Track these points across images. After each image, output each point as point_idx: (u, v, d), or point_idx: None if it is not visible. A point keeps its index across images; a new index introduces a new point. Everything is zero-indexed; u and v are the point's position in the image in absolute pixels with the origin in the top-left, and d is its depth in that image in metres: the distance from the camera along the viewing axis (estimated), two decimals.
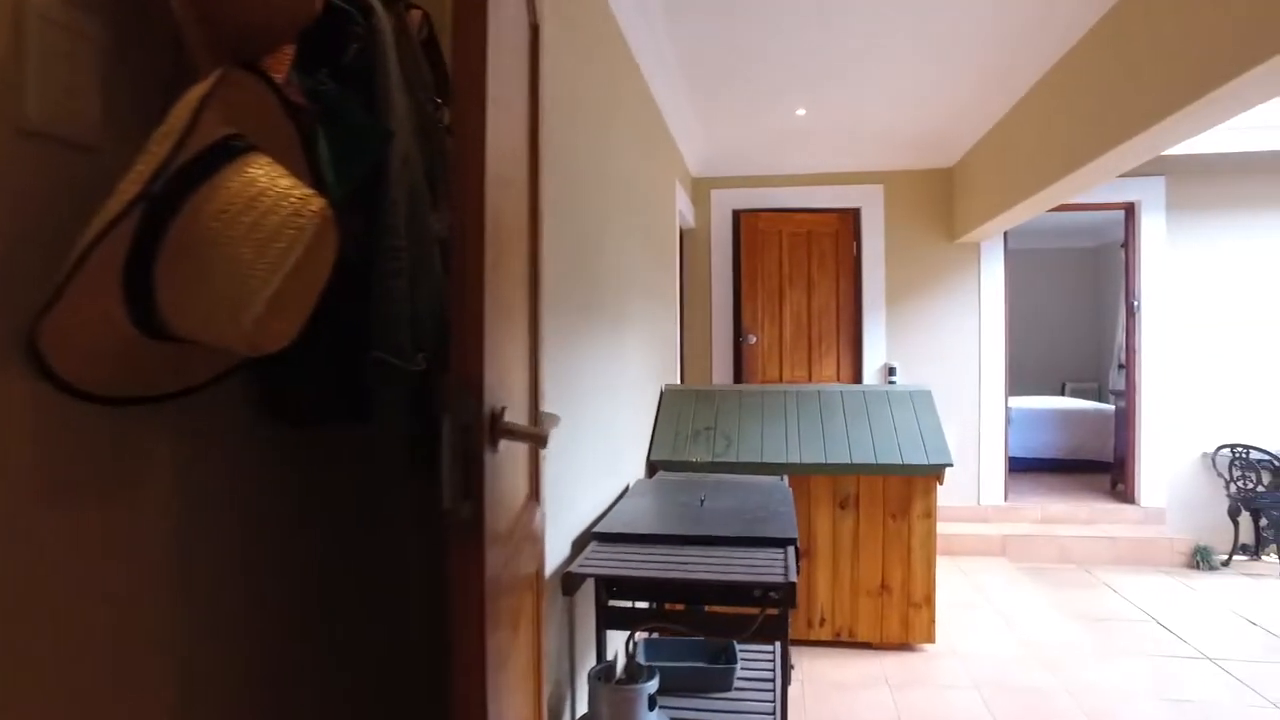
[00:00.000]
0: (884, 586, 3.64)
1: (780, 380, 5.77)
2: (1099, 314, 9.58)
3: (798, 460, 3.61)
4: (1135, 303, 5.59)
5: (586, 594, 2.31)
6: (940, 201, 5.76)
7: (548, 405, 1.64)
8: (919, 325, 5.76)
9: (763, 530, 2.38)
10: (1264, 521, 5.11)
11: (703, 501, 2.76)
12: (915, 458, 3.54)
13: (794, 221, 5.85)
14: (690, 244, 5.97)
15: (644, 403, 3.70)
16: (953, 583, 4.70)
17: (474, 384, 0.96)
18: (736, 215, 5.90)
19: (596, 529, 2.42)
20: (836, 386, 4.09)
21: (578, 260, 2.43)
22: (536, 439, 1.29)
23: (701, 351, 5.95)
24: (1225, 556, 5.23)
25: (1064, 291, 9.75)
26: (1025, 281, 9.03)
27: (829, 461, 3.59)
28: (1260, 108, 5.15)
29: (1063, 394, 8.90)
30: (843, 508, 3.66)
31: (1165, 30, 2.79)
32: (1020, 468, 6.69)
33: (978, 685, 3.33)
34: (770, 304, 5.82)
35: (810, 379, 5.76)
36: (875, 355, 5.75)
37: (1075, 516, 5.59)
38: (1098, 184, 3.93)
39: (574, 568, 2.09)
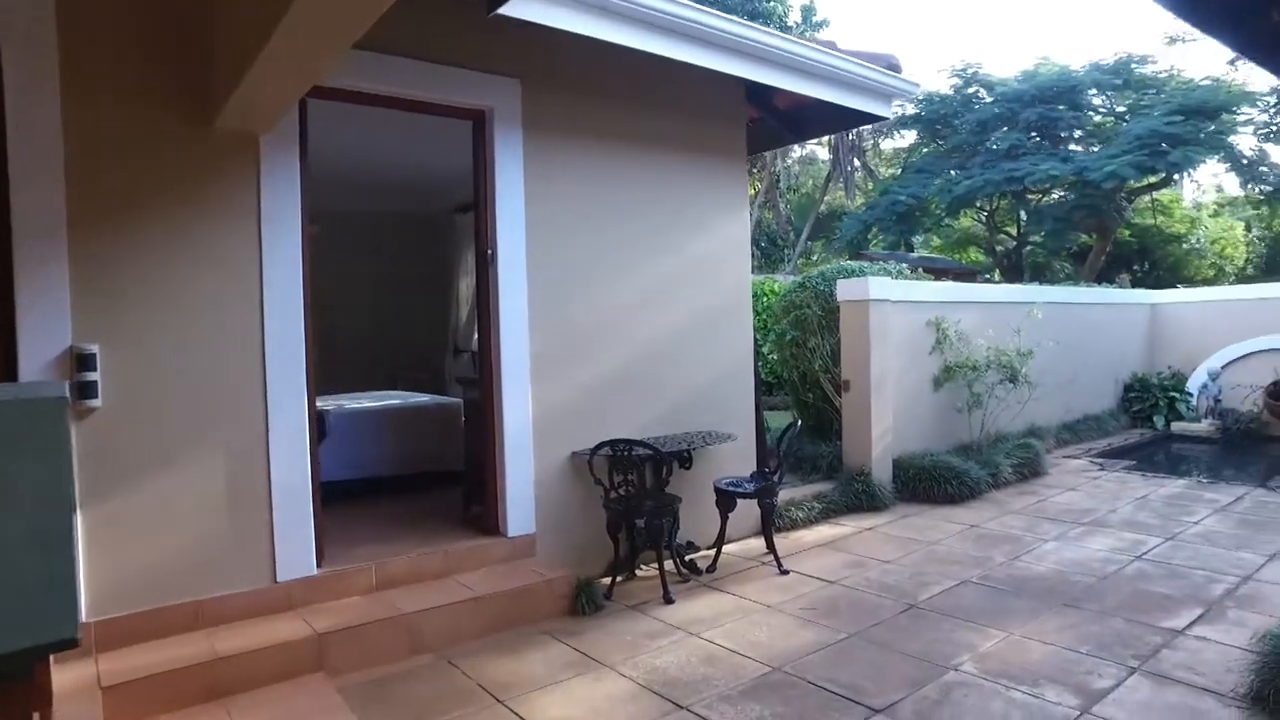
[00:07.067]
0: None
1: None
2: (431, 291, 8.21)
3: None
4: (491, 251, 3.94)
5: None
6: (180, 34, 3.15)
7: None
8: (146, 280, 3.07)
9: None
10: (639, 523, 4.02)
11: None
12: None
13: None
14: None
15: None
16: None
17: None
18: None
19: None
20: None
21: None
22: None
23: None
24: (607, 585, 4.00)
25: (387, 264, 8.09)
26: (334, 250, 7.07)
27: None
28: None
29: (395, 388, 7.19)
30: None
31: None
32: (341, 496, 4.61)
33: None
34: None
35: None
36: (50, 336, 2.84)
37: (425, 570, 3.71)
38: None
39: None
